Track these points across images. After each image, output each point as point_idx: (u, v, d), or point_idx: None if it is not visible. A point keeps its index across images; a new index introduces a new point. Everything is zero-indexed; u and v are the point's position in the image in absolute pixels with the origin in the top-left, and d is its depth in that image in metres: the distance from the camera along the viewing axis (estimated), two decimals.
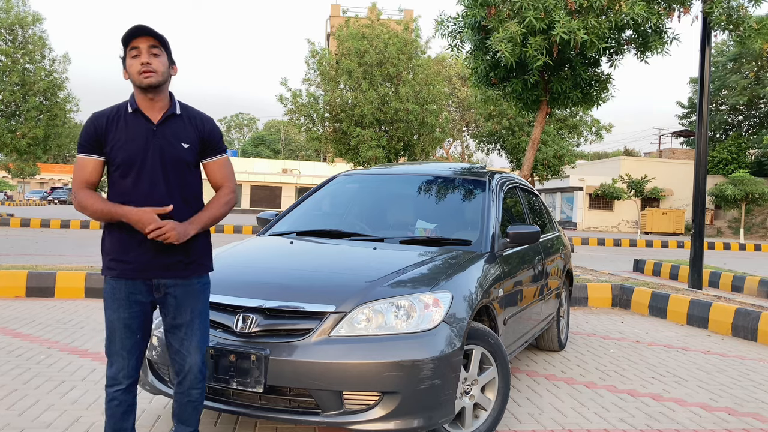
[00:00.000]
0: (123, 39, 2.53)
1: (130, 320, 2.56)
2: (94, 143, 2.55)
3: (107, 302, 2.58)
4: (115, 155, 2.54)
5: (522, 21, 8.94)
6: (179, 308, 2.63)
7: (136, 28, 2.52)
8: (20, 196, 59.63)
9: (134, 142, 2.54)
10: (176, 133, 2.61)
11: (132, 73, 2.53)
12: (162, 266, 2.57)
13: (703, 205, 9.66)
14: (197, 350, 2.67)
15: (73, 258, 11.73)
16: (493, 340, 3.36)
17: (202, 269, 2.70)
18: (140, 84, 2.53)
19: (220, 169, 2.73)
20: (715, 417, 4.02)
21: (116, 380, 2.57)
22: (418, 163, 5.84)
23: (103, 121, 2.56)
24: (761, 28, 9.14)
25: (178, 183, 2.59)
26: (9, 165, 42.43)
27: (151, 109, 2.59)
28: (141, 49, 2.51)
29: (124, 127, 2.55)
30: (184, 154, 2.61)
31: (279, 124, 75.97)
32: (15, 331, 5.48)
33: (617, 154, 58.05)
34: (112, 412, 2.59)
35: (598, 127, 29.57)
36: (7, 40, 22.55)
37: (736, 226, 36.08)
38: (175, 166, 2.59)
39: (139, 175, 2.54)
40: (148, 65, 2.50)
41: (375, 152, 21.69)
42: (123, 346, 2.56)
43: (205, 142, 2.68)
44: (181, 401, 2.72)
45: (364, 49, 22.09)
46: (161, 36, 2.55)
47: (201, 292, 2.70)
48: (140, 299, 2.58)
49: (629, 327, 7.02)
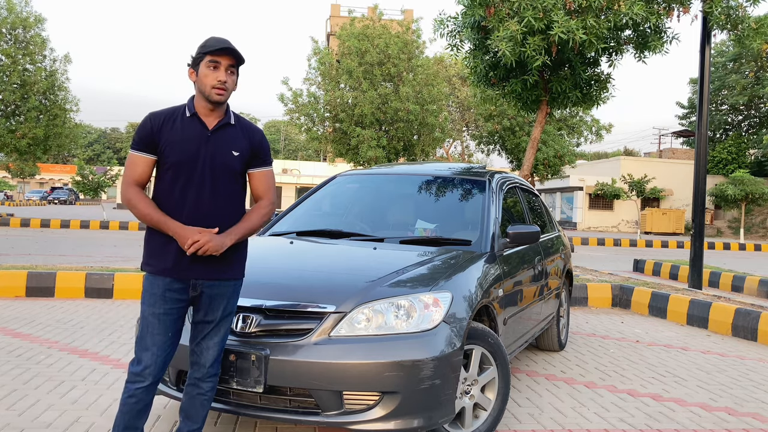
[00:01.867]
0: (208, 49, 2.58)
1: (164, 316, 2.60)
2: (148, 141, 2.60)
3: (144, 296, 2.63)
4: (168, 155, 2.59)
5: (521, 20, 8.94)
6: (212, 306, 2.70)
7: (225, 45, 2.57)
8: (20, 196, 59.66)
9: (188, 145, 2.60)
10: (229, 140, 2.68)
11: (205, 83, 2.59)
12: (199, 270, 2.63)
13: (703, 205, 9.66)
14: (217, 346, 2.75)
15: (73, 258, 11.73)
16: (493, 340, 3.36)
17: (237, 274, 2.77)
18: (209, 97, 2.60)
19: (264, 180, 2.80)
20: (715, 417, 4.02)
21: (141, 377, 2.58)
22: (418, 163, 5.84)
23: (160, 120, 2.61)
24: (760, 28, 9.15)
25: (224, 189, 2.66)
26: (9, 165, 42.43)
27: (208, 115, 2.66)
28: (221, 65, 2.59)
29: (180, 129, 2.62)
30: (233, 161, 2.68)
31: (279, 124, 75.98)
32: (15, 331, 5.48)
33: (617, 154, 58.07)
34: (129, 408, 2.59)
35: (598, 127, 29.61)
36: (9, 41, 22.54)
37: (736, 226, 36.08)
38: (223, 173, 2.65)
39: (189, 178, 2.60)
40: (224, 83, 2.58)
41: (375, 152, 21.69)
42: (154, 342, 2.59)
43: (254, 152, 2.76)
44: (191, 393, 2.76)
45: (365, 49, 22.09)
46: (243, 58, 2.63)
47: (234, 294, 2.78)
48: (176, 296, 2.62)
49: (629, 327, 7.02)
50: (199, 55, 2.61)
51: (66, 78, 24.04)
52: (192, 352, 2.77)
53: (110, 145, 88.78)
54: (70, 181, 31.46)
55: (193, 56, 2.64)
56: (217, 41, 2.59)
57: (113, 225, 22.68)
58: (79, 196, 57.83)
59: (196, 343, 2.76)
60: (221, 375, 2.92)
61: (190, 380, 2.78)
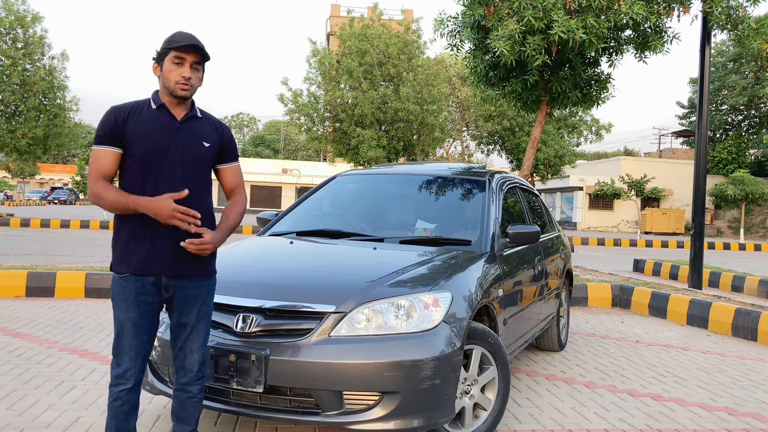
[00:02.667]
0: (173, 45, 2.56)
1: (139, 320, 2.57)
2: (112, 135, 2.54)
3: (116, 301, 2.58)
4: (135, 147, 2.54)
5: (521, 20, 8.94)
6: (185, 308, 2.66)
7: (189, 42, 2.55)
8: (20, 196, 59.68)
9: (157, 136, 2.57)
10: (198, 131, 2.67)
11: (169, 79, 2.57)
12: (173, 266, 2.59)
13: (703, 205, 9.66)
14: (198, 349, 2.71)
15: (73, 258, 11.73)
16: (493, 340, 3.36)
17: (210, 270, 2.74)
18: (174, 92, 2.58)
19: (235, 175, 2.82)
20: (715, 417, 4.02)
21: (123, 380, 2.57)
22: (418, 163, 5.84)
23: (125, 112, 2.57)
24: (760, 28, 9.16)
25: (194, 180, 2.63)
26: (9, 165, 42.43)
27: (175, 108, 2.64)
28: (186, 61, 2.57)
29: (146, 121, 2.57)
30: (205, 152, 2.67)
31: (279, 124, 75.97)
32: (15, 331, 5.48)
33: (617, 154, 58.07)
34: (116, 412, 2.58)
35: (597, 126, 29.61)
36: (7, 41, 22.52)
37: (736, 226, 36.08)
38: (194, 164, 2.63)
39: (159, 169, 2.56)
40: (189, 80, 2.57)
41: (375, 152, 21.69)
42: (131, 345, 2.57)
43: (224, 146, 2.76)
44: (181, 398, 2.74)
45: (365, 49, 22.09)
46: (208, 56, 2.62)
47: (207, 293, 2.74)
48: (149, 299, 2.58)
49: (629, 327, 7.02)
50: (164, 50, 2.58)
51: (65, 76, 24.01)
52: (175, 357, 2.73)
53: None
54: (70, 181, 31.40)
55: (158, 50, 2.61)
56: (183, 36, 2.57)
57: (113, 225, 22.63)
58: (79, 196, 57.85)
59: (178, 348, 2.71)
60: (221, 375, 2.92)
61: (177, 385, 2.74)
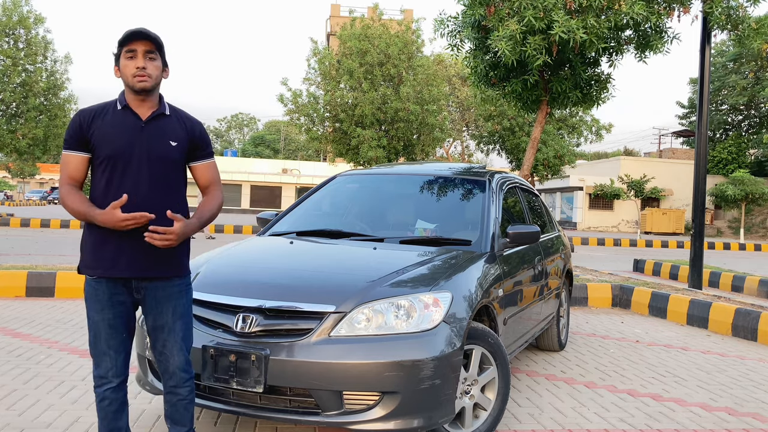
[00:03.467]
0: (120, 40, 2.53)
1: (114, 320, 2.54)
2: (78, 139, 2.53)
3: (89, 303, 2.56)
4: (101, 150, 2.52)
5: (521, 20, 8.94)
6: (159, 310, 2.62)
7: (135, 31, 2.51)
8: (20, 196, 59.68)
9: (121, 138, 2.52)
10: (164, 130, 2.61)
11: (126, 74, 2.53)
12: (142, 267, 2.54)
13: (703, 205, 9.66)
14: (180, 351, 2.66)
15: (73, 258, 11.72)
16: (493, 340, 3.36)
17: (181, 270, 2.67)
18: (133, 86, 2.53)
19: (208, 172, 2.75)
20: (715, 417, 4.02)
21: (105, 379, 2.56)
22: (418, 163, 5.84)
23: (90, 116, 2.54)
24: (760, 28, 9.16)
25: (163, 180, 2.58)
26: (9, 165, 42.42)
27: (140, 107, 2.58)
28: (137, 52, 2.51)
29: (111, 123, 2.54)
30: (171, 151, 2.61)
31: (279, 124, 75.94)
32: (15, 331, 5.48)
33: (617, 154, 58.06)
34: (105, 412, 2.57)
35: (597, 126, 29.60)
36: (9, 42, 22.52)
37: (736, 226, 36.08)
38: (161, 164, 2.58)
39: (124, 171, 2.52)
40: (143, 70, 2.51)
41: (375, 152, 21.69)
42: (110, 345, 2.55)
43: (194, 144, 2.69)
44: (171, 401, 2.72)
45: (366, 49, 22.09)
46: (159, 41, 2.55)
47: (181, 293, 2.67)
48: (122, 299, 2.56)
49: (629, 327, 7.02)
50: (117, 50, 2.55)
51: (66, 78, 24.01)
52: (158, 362, 2.69)
53: None
54: None
55: (114, 54, 2.58)
56: (128, 31, 2.53)
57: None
58: None
59: (158, 352, 2.67)
60: (221, 375, 2.91)
61: (166, 389, 2.71)
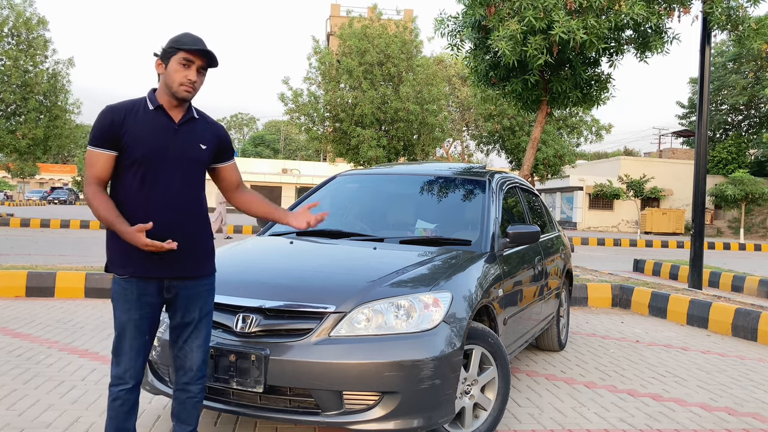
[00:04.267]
0: (181, 43, 2.53)
1: (140, 321, 2.56)
2: (109, 137, 2.49)
3: (117, 303, 2.56)
4: (134, 150, 2.50)
5: (522, 20, 8.94)
6: (188, 308, 2.66)
7: (202, 48, 2.53)
8: (20, 196, 59.69)
9: (156, 139, 2.53)
10: (195, 134, 2.66)
11: (174, 79, 2.53)
12: (175, 267, 2.58)
13: (703, 205, 9.66)
14: (200, 348, 2.70)
15: (73, 258, 11.73)
16: (493, 340, 3.36)
17: (209, 270, 2.75)
18: (176, 93, 2.55)
19: (235, 171, 2.89)
20: (715, 417, 4.02)
21: (122, 380, 2.56)
22: (418, 163, 5.84)
23: (121, 114, 2.51)
24: (760, 28, 9.16)
25: (191, 183, 2.64)
26: (9, 165, 42.41)
27: (173, 109, 2.61)
28: (194, 64, 2.55)
29: (144, 123, 2.53)
30: (202, 154, 2.67)
31: (279, 124, 75.93)
32: (15, 331, 5.48)
33: (617, 154, 58.07)
34: (116, 412, 2.57)
35: (597, 126, 29.61)
36: (11, 43, 22.51)
37: (736, 226, 36.08)
38: (192, 166, 2.63)
39: (158, 172, 2.54)
40: (194, 83, 2.55)
41: (376, 152, 21.69)
42: (132, 346, 2.56)
43: (221, 146, 2.77)
44: (181, 398, 2.73)
45: (365, 49, 22.09)
46: (217, 62, 2.59)
47: (209, 292, 2.75)
48: (151, 300, 2.57)
49: (629, 327, 7.02)
50: (172, 49, 2.53)
51: (67, 81, 23.99)
52: (176, 357, 2.72)
53: None
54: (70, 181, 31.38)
55: (164, 48, 2.56)
56: (194, 40, 2.54)
57: None
58: (78, 196, 57.87)
59: (178, 348, 2.70)
60: (221, 375, 2.91)
61: (178, 385, 2.73)
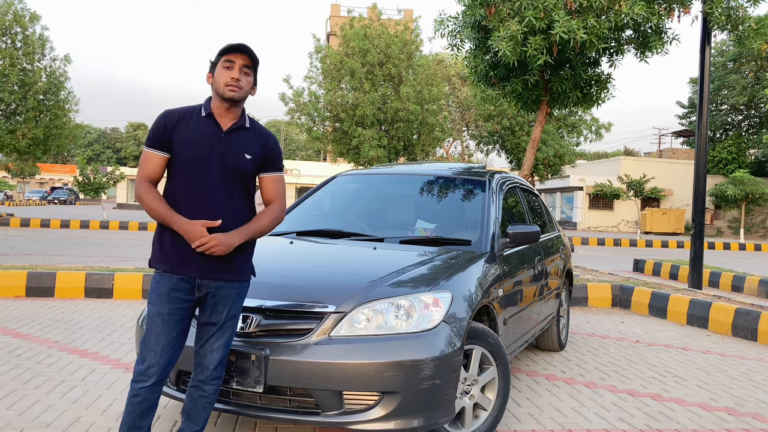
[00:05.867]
0: (222, 50, 2.65)
1: (168, 316, 2.60)
2: (161, 139, 2.62)
3: (151, 296, 2.65)
4: (180, 153, 2.62)
5: (522, 20, 8.94)
6: (216, 308, 2.70)
7: (238, 45, 2.64)
8: (20, 196, 59.67)
9: (200, 144, 2.62)
10: (242, 143, 2.70)
11: (219, 82, 2.63)
12: (207, 268, 2.63)
13: (703, 205, 9.66)
14: (220, 349, 2.73)
15: (73, 258, 11.73)
16: (493, 340, 3.36)
17: (244, 275, 2.76)
18: (223, 94, 2.63)
19: (275, 185, 2.82)
20: (715, 417, 4.02)
21: (145, 376, 2.58)
22: (418, 163, 5.84)
23: (175, 118, 2.64)
24: (760, 28, 9.16)
25: (236, 190, 2.68)
26: (9, 165, 42.42)
27: (223, 116, 2.68)
28: (235, 64, 2.63)
29: (194, 128, 2.64)
30: (245, 164, 2.69)
31: (279, 123, 75.95)
32: (15, 331, 5.48)
33: (617, 154, 58.07)
34: (133, 408, 2.59)
35: (597, 126, 29.60)
36: (6, 40, 22.50)
37: (736, 226, 36.08)
38: (235, 175, 2.67)
39: (199, 178, 2.62)
40: (237, 81, 2.62)
41: (377, 152, 21.70)
42: (158, 341, 2.59)
43: (266, 156, 2.78)
44: (194, 396, 2.75)
45: (366, 49, 22.10)
46: (257, 58, 2.68)
47: (239, 296, 2.76)
48: (181, 296, 2.62)
49: (629, 327, 7.02)
50: (216, 58, 2.67)
51: (65, 78, 23.98)
52: (196, 354, 2.76)
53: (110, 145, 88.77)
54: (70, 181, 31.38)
55: (211, 61, 2.71)
56: (233, 44, 2.66)
57: (113, 225, 22.68)
58: (79, 196, 57.86)
59: (200, 345, 2.75)
60: None
61: (193, 382, 2.76)
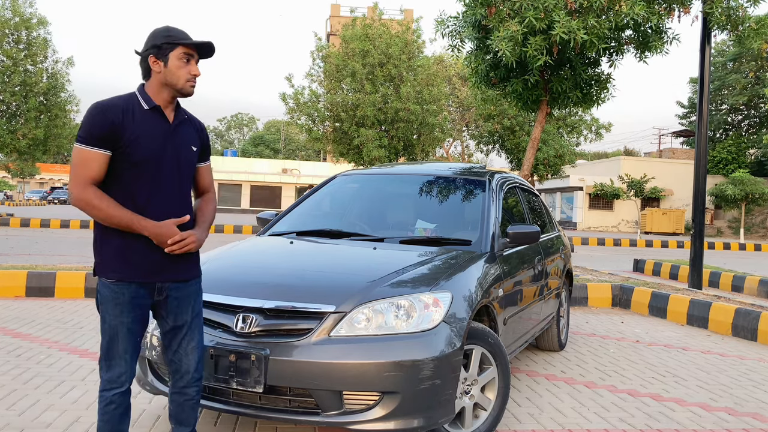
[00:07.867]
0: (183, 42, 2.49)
1: (132, 324, 2.51)
2: (107, 136, 2.38)
3: (107, 306, 2.49)
4: (133, 152, 2.42)
5: (522, 21, 8.94)
6: (180, 310, 2.63)
7: (207, 43, 2.53)
8: (20, 196, 59.66)
9: (154, 140, 2.48)
10: (187, 135, 2.64)
11: (178, 76, 2.49)
12: (165, 269, 2.56)
13: (703, 205, 9.66)
14: (195, 350, 2.68)
15: (73, 258, 11.73)
16: (493, 340, 3.36)
17: (197, 270, 2.73)
18: (182, 89, 2.52)
19: (209, 174, 2.82)
20: (715, 417, 4.02)
21: (117, 383, 2.51)
22: (418, 162, 5.84)
23: (119, 114, 2.42)
24: (760, 28, 9.15)
25: (185, 185, 2.64)
26: (9, 165, 42.39)
27: (166, 108, 2.56)
28: (194, 58, 2.55)
29: (142, 124, 2.46)
30: (193, 156, 2.67)
31: (279, 123, 75.97)
32: (15, 331, 5.48)
33: (617, 154, 58.06)
34: (110, 416, 2.51)
35: (597, 126, 29.60)
36: (11, 42, 22.51)
37: (736, 226, 36.08)
38: (186, 168, 2.62)
39: (156, 175, 2.50)
40: (196, 77, 2.55)
41: (378, 152, 21.70)
42: (125, 349, 2.51)
43: (204, 147, 2.75)
44: (178, 401, 2.71)
45: (367, 49, 22.10)
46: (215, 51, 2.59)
47: (198, 293, 2.73)
48: (143, 302, 2.54)
49: (629, 327, 7.02)
50: (168, 45, 2.47)
51: (67, 80, 23.98)
52: (171, 362, 2.68)
53: None
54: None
55: (156, 44, 2.47)
56: (186, 33, 2.53)
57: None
58: None
59: (173, 352, 2.66)
60: (221, 375, 2.91)
61: (174, 389, 2.70)
